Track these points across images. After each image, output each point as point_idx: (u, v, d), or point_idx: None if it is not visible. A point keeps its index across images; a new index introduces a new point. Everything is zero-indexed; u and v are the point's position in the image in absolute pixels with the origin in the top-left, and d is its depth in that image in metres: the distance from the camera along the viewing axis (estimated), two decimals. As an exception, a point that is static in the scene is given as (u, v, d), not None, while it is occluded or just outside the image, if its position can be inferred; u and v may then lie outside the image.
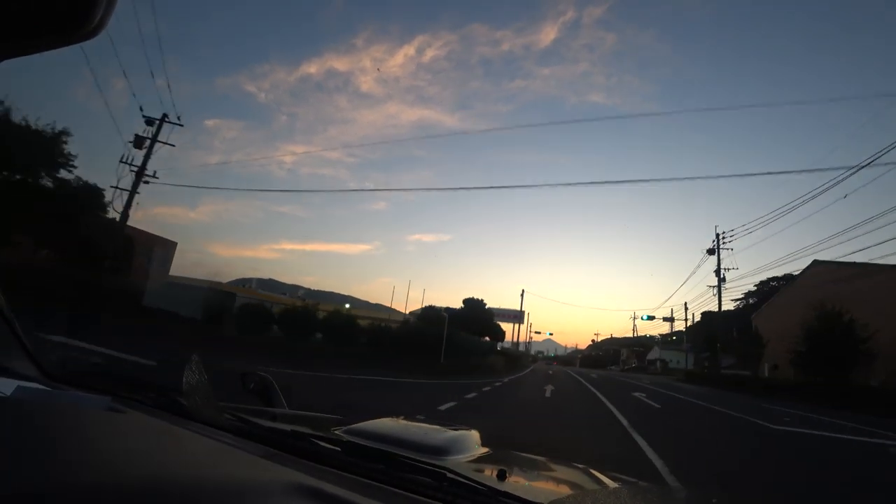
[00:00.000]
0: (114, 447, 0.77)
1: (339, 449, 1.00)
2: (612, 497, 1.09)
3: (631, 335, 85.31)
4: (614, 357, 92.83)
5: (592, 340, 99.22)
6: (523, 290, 51.86)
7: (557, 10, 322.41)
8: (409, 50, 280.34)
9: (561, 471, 1.43)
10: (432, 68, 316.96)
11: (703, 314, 66.18)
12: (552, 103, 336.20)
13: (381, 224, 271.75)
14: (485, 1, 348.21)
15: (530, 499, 0.85)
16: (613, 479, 1.32)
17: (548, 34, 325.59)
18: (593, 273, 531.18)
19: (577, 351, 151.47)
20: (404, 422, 1.54)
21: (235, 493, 0.68)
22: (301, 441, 1.03)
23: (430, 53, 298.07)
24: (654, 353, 72.46)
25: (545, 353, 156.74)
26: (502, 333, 54.19)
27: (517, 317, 67.56)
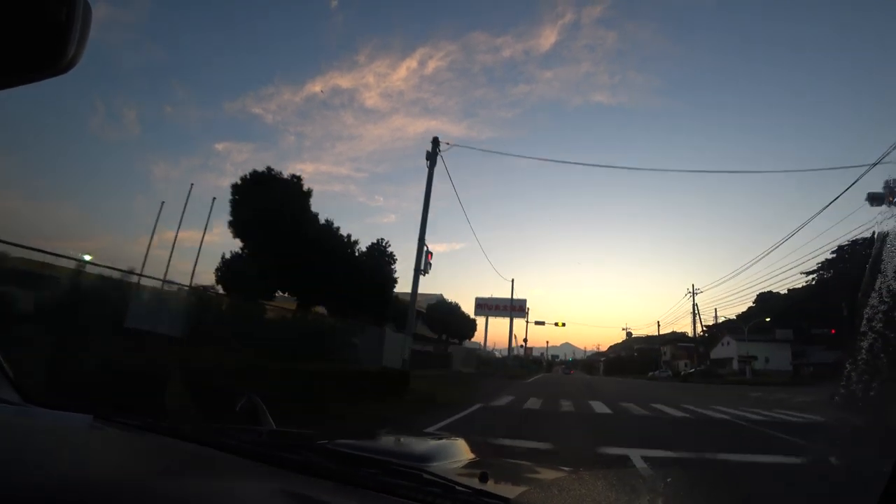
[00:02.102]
0: (93, 460, 0.80)
1: (319, 457, 1.02)
2: (577, 482, 1.13)
3: (661, 331, 61.80)
4: (655, 358, 69.21)
5: (627, 333, 74.50)
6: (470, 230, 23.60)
7: (556, 13, 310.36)
8: (412, 63, 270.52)
9: (546, 472, 1.37)
10: (435, 79, 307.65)
11: (759, 297, 45.41)
12: (557, 106, 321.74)
13: (392, 237, 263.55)
14: (483, 9, 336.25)
15: (504, 495, 0.84)
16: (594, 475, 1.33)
17: (548, 37, 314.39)
18: (623, 264, 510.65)
19: (599, 354, 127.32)
20: (389, 435, 1.63)
21: (217, 498, 0.71)
22: (282, 451, 1.04)
23: (432, 65, 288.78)
24: (725, 350, 48.92)
25: (561, 358, 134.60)
26: (467, 326, 31.43)
27: (518, 307, 44.95)
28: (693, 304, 43.67)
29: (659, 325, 58.93)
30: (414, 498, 0.81)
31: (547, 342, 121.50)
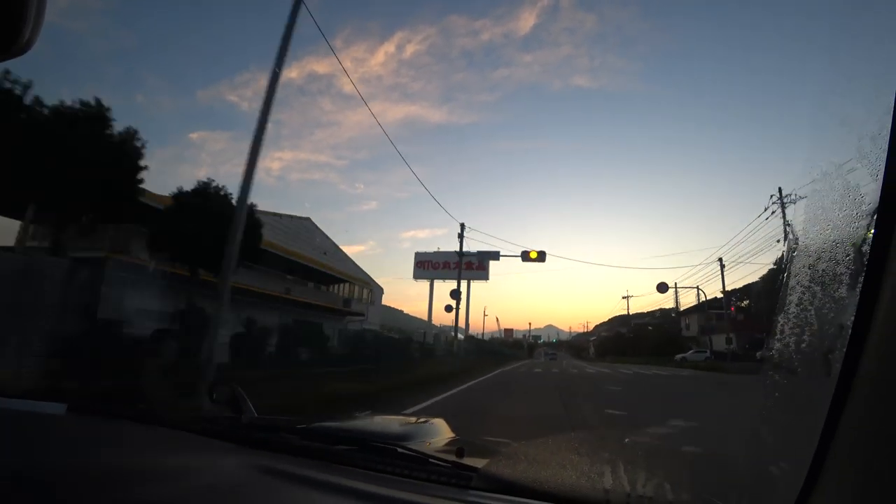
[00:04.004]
0: (66, 447, 0.81)
1: (296, 438, 1.03)
2: (542, 447, 1.20)
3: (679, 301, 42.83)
4: (673, 334, 51.49)
5: (664, 286, 55.66)
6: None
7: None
8: (390, 47, 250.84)
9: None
10: (414, 64, 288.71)
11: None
12: (537, 89, 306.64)
13: (374, 224, 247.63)
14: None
15: (477, 466, 0.86)
16: None
17: (527, 20, 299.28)
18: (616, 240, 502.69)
19: (587, 334, 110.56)
20: (370, 417, 1.62)
21: (193, 475, 0.74)
22: (260, 432, 1.07)
23: (410, 49, 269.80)
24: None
25: (544, 340, 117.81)
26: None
27: (477, 265, 25.57)
28: (784, 222, 25.29)
29: (722, 265, 34.40)
30: (390, 472, 0.85)
31: (529, 324, 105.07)
